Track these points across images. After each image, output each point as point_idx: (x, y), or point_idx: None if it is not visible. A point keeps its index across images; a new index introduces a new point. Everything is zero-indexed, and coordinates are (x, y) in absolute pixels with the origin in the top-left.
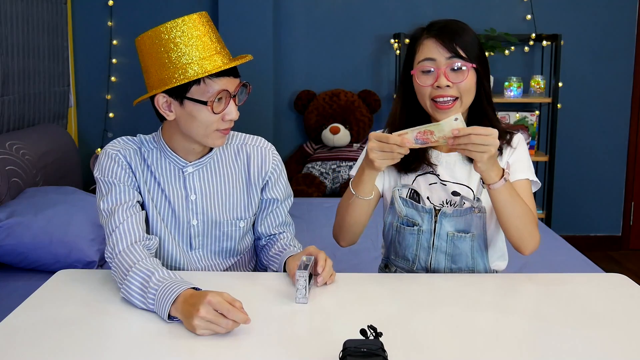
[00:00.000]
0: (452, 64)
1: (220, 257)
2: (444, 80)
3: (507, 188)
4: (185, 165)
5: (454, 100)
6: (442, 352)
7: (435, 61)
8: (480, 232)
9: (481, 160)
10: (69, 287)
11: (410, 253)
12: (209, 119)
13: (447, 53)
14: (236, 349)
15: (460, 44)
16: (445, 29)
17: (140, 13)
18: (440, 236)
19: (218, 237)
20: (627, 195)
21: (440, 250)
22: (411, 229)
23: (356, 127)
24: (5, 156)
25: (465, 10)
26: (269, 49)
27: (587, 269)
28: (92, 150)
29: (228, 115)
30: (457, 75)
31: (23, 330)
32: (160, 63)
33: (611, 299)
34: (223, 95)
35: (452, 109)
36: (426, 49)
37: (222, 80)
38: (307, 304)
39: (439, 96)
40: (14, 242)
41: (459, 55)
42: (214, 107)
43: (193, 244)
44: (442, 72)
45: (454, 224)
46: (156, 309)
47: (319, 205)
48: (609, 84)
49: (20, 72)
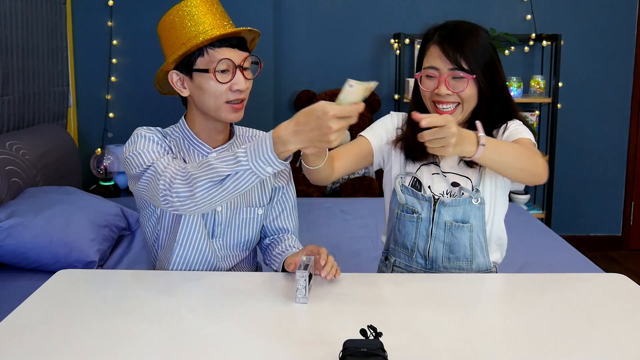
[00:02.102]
0: (453, 74)
1: (237, 248)
2: (444, 89)
3: (489, 149)
4: (209, 152)
5: (456, 105)
6: (442, 352)
7: (438, 70)
8: (480, 223)
9: (446, 153)
10: (69, 287)
11: (409, 241)
12: (217, 89)
13: (449, 64)
14: (237, 349)
15: (464, 55)
16: (451, 36)
17: (140, 13)
18: (438, 225)
19: (239, 225)
20: (627, 195)
21: (439, 239)
22: (411, 216)
23: (356, 127)
24: (5, 156)
25: (466, 10)
26: (269, 49)
27: (587, 269)
28: (92, 150)
29: (235, 85)
30: (458, 83)
31: (23, 330)
32: (171, 43)
33: (611, 299)
34: (228, 66)
35: (453, 115)
36: (431, 57)
37: (225, 50)
38: (307, 304)
39: (439, 102)
40: (14, 242)
41: (461, 67)
42: (217, 76)
43: (215, 232)
44: (442, 80)
45: (452, 214)
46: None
47: (319, 205)
48: (609, 84)
49: (20, 72)
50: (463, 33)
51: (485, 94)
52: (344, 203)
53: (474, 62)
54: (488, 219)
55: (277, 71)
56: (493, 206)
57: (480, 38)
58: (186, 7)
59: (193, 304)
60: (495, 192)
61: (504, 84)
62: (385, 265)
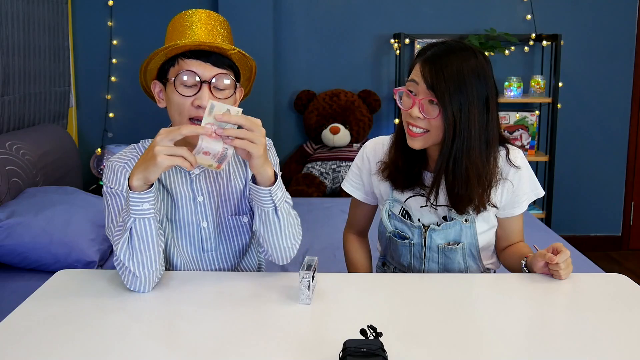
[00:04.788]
0: (429, 97)
1: (232, 257)
2: (416, 111)
3: None
4: None
5: (424, 132)
6: (442, 352)
7: (417, 85)
8: (472, 240)
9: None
10: (69, 287)
11: (405, 260)
12: (179, 102)
13: (425, 84)
14: (237, 349)
15: (438, 81)
16: (432, 54)
17: (140, 13)
18: (431, 248)
19: (227, 236)
20: (627, 195)
21: (432, 260)
22: (402, 242)
23: (356, 127)
24: (5, 156)
25: (466, 10)
26: (269, 49)
27: (587, 269)
28: (92, 150)
29: (197, 101)
30: (432, 109)
31: (23, 330)
32: None
33: (611, 299)
34: (194, 80)
35: (419, 139)
36: (414, 73)
37: (194, 62)
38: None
39: (411, 124)
40: (14, 242)
41: (434, 91)
42: (177, 87)
43: (205, 247)
44: (418, 102)
45: (444, 237)
46: (127, 208)
47: (319, 205)
48: (609, 84)
49: (21, 72)
50: (446, 54)
51: (448, 133)
52: (344, 203)
53: (444, 91)
54: (481, 236)
55: (277, 71)
56: (485, 222)
57: (464, 59)
58: (185, 16)
59: (194, 304)
60: (487, 213)
61: (483, 121)
62: (384, 271)
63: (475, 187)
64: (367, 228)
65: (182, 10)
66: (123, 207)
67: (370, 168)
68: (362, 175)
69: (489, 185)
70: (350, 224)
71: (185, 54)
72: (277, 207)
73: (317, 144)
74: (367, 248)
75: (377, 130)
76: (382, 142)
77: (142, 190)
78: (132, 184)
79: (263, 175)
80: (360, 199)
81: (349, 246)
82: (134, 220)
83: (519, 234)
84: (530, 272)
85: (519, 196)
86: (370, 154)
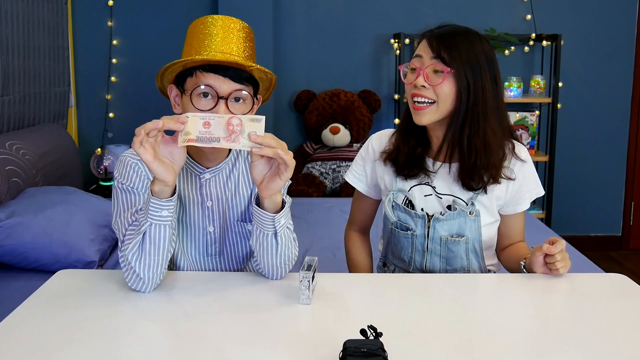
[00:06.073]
0: (434, 65)
1: (235, 263)
2: (421, 80)
3: None
4: (202, 172)
5: (430, 103)
6: (442, 352)
7: (421, 59)
8: (476, 235)
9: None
10: (69, 287)
11: (406, 255)
12: None
13: (431, 54)
14: (238, 349)
15: (447, 48)
16: (441, 32)
17: (140, 13)
18: (434, 240)
19: (233, 242)
20: (627, 195)
21: (435, 253)
22: (405, 233)
23: (356, 127)
24: (5, 156)
25: (466, 10)
26: (269, 49)
27: (587, 269)
28: (92, 150)
29: None
30: (437, 77)
31: (23, 330)
32: (184, 52)
33: (611, 299)
34: (211, 94)
35: (425, 112)
36: (418, 48)
37: (212, 76)
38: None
39: (416, 95)
40: (14, 242)
41: (442, 58)
42: (194, 100)
43: (209, 251)
44: (423, 71)
45: (448, 228)
46: (145, 211)
47: (319, 205)
48: (608, 84)
49: (21, 72)
50: (454, 31)
51: (463, 96)
52: (344, 203)
53: (456, 57)
54: (484, 228)
55: (277, 71)
56: (489, 214)
57: (472, 41)
58: (207, 22)
59: (195, 304)
60: (491, 205)
61: (495, 96)
62: (384, 271)
63: (496, 150)
64: (369, 225)
65: (182, 11)
66: (133, 204)
67: (375, 158)
68: (365, 167)
69: (503, 154)
70: (352, 220)
71: (204, 67)
72: (277, 232)
73: (317, 144)
74: (369, 247)
75: (377, 130)
76: (388, 134)
77: (164, 197)
78: (152, 188)
79: (272, 200)
80: (362, 191)
81: (350, 245)
82: (150, 224)
83: (520, 233)
84: (530, 273)
85: (523, 192)
86: (376, 144)
